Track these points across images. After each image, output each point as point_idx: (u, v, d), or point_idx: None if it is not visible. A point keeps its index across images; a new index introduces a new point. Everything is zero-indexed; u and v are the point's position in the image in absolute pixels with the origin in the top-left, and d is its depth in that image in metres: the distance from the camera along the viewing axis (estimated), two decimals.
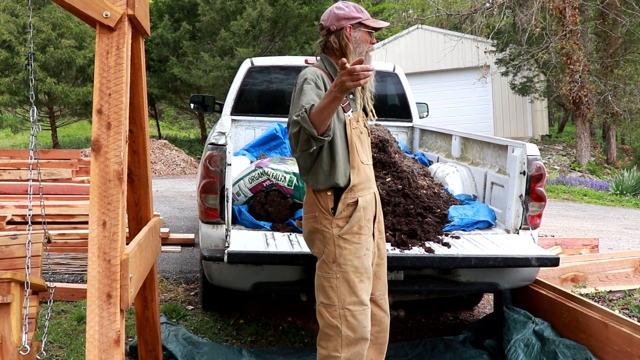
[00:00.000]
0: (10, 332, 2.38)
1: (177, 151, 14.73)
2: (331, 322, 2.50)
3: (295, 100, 2.46)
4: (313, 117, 2.24)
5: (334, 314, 2.50)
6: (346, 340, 2.48)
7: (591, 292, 4.55)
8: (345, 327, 2.48)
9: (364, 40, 2.53)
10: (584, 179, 14.30)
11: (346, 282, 2.49)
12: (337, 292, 2.49)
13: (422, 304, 4.52)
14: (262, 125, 5.39)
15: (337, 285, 2.49)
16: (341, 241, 2.48)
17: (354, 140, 2.52)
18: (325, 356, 2.53)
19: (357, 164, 2.52)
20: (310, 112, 2.25)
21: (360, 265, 2.51)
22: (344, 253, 2.48)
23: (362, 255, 2.51)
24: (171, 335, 3.45)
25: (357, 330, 2.49)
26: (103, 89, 1.97)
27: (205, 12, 14.77)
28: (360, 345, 2.51)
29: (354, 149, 2.51)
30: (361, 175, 2.53)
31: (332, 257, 2.50)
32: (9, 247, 2.87)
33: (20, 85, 13.60)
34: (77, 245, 5.01)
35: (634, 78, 17.29)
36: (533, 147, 3.52)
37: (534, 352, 3.29)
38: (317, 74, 2.51)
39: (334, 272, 2.50)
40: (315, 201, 2.53)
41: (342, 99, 2.20)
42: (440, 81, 19.10)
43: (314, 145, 2.32)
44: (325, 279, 2.52)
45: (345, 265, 2.48)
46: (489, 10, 15.92)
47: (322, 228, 2.52)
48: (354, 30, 2.52)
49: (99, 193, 1.91)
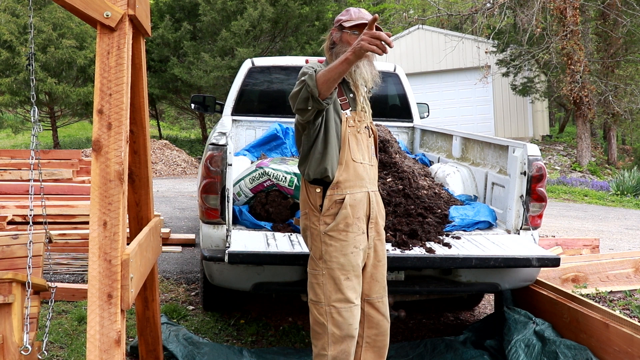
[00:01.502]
0: (11, 332, 2.38)
1: (178, 151, 14.74)
2: (318, 319, 2.55)
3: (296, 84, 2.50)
4: (319, 77, 2.30)
5: (320, 310, 2.54)
6: (332, 338, 2.51)
7: (592, 293, 4.55)
8: (331, 324, 2.51)
9: (345, 41, 2.57)
10: (584, 180, 14.29)
11: (332, 279, 2.52)
12: (323, 289, 2.53)
13: (422, 304, 4.52)
14: (262, 126, 5.39)
15: (323, 282, 2.53)
16: (327, 238, 2.52)
17: (348, 138, 2.55)
18: (316, 354, 2.58)
19: (346, 160, 2.55)
20: (317, 75, 2.31)
21: (347, 263, 2.52)
22: (330, 250, 2.52)
23: (349, 253, 2.53)
24: (172, 335, 3.45)
25: (342, 327, 2.51)
26: (104, 89, 1.97)
27: (206, 12, 14.78)
28: (347, 343, 2.53)
29: (346, 145, 2.55)
30: (349, 173, 2.55)
31: (318, 254, 2.55)
32: (10, 247, 2.87)
33: (21, 85, 13.62)
34: (77, 245, 5.02)
35: (634, 78, 17.27)
36: (534, 147, 3.52)
37: (534, 353, 3.28)
38: (318, 67, 2.56)
39: (320, 268, 2.54)
40: (306, 198, 2.60)
41: (353, 64, 2.25)
42: (440, 81, 19.10)
43: (310, 105, 2.37)
44: (313, 276, 2.58)
45: (331, 262, 2.52)
46: (490, 11, 15.91)
47: (310, 225, 2.58)
48: (336, 32, 2.62)
49: (99, 193, 1.91)
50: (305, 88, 2.34)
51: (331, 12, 17.32)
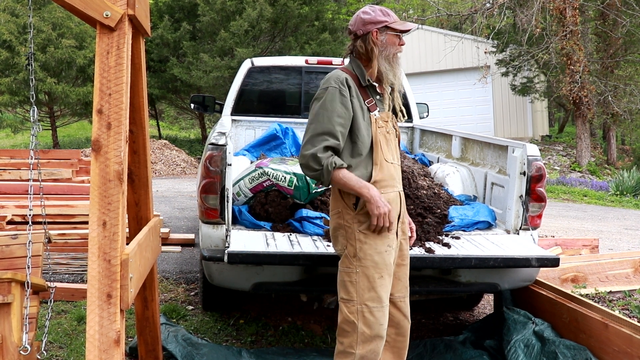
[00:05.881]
0: (10, 332, 2.38)
1: (178, 151, 14.73)
2: (348, 317, 2.51)
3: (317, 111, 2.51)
4: (335, 177, 2.44)
5: (351, 309, 2.50)
6: (362, 337, 2.48)
7: (591, 293, 4.55)
8: (362, 324, 2.48)
9: (391, 43, 2.55)
10: (584, 180, 14.30)
11: (365, 278, 2.49)
12: (356, 287, 2.50)
13: (422, 304, 4.52)
14: (262, 126, 5.39)
15: (356, 280, 2.50)
16: (362, 236, 2.50)
17: (379, 139, 2.55)
18: (341, 352, 2.54)
19: (380, 161, 2.54)
20: (336, 172, 2.43)
21: (381, 261, 2.51)
22: (364, 248, 2.50)
23: (383, 251, 2.51)
24: (171, 335, 3.45)
25: (373, 327, 2.49)
26: (103, 89, 1.97)
27: (205, 12, 14.77)
28: (376, 343, 2.51)
29: (378, 146, 2.54)
30: (384, 173, 2.55)
31: (353, 252, 2.52)
32: (10, 247, 2.87)
33: (20, 85, 13.60)
34: (77, 245, 5.01)
35: (634, 78, 17.29)
36: (533, 147, 3.52)
37: (534, 353, 3.29)
38: (341, 79, 2.53)
39: (354, 266, 2.51)
40: (339, 197, 2.57)
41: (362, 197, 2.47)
42: (440, 81, 19.11)
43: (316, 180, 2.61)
44: (346, 274, 2.54)
45: (365, 260, 2.49)
46: (489, 11, 15.91)
47: (344, 223, 2.55)
48: (381, 34, 2.55)
49: (99, 193, 1.90)
50: (318, 172, 2.46)
51: (330, 12, 17.32)
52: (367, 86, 2.59)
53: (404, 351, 2.73)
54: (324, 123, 2.46)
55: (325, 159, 2.43)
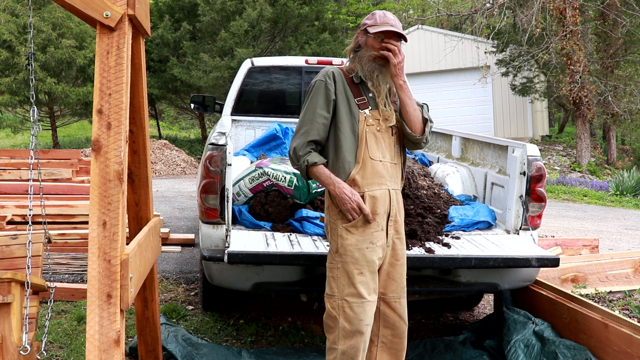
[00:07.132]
0: (10, 332, 2.38)
1: (178, 151, 14.73)
2: (331, 312, 2.57)
3: (304, 105, 2.67)
4: (311, 173, 2.58)
5: (333, 304, 2.56)
6: (343, 332, 2.52)
7: (591, 293, 4.55)
8: (343, 319, 2.52)
9: (370, 45, 2.60)
10: (584, 180, 14.30)
11: (345, 273, 2.54)
12: (337, 283, 2.56)
13: (422, 304, 4.52)
14: (262, 126, 5.39)
15: (337, 276, 2.56)
16: (344, 232, 2.55)
17: (366, 136, 2.57)
18: (328, 348, 2.60)
19: (363, 159, 2.56)
20: (310, 169, 2.57)
21: (361, 257, 2.53)
22: (345, 244, 2.54)
23: (364, 248, 2.53)
24: (171, 335, 3.45)
25: (353, 322, 2.51)
26: (103, 89, 1.97)
27: (206, 12, 14.78)
28: (356, 339, 2.53)
29: (363, 144, 2.57)
30: (366, 170, 2.56)
31: (335, 247, 2.58)
32: (10, 247, 2.87)
33: (20, 85, 13.60)
34: (77, 245, 5.01)
35: (634, 79, 17.29)
36: (533, 147, 3.52)
37: (534, 353, 3.29)
38: (329, 73, 2.64)
39: (336, 262, 2.56)
40: (327, 193, 2.63)
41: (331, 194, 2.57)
42: (440, 81, 19.11)
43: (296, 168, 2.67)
44: (329, 269, 2.61)
45: (345, 256, 2.54)
46: (489, 11, 15.91)
47: (329, 219, 2.62)
48: (362, 35, 2.65)
49: (99, 193, 1.90)
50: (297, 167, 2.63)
51: (330, 12, 17.32)
52: (359, 84, 2.63)
53: (401, 353, 2.72)
54: (307, 117, 2.60)
55: (303, 156, 2.56)
